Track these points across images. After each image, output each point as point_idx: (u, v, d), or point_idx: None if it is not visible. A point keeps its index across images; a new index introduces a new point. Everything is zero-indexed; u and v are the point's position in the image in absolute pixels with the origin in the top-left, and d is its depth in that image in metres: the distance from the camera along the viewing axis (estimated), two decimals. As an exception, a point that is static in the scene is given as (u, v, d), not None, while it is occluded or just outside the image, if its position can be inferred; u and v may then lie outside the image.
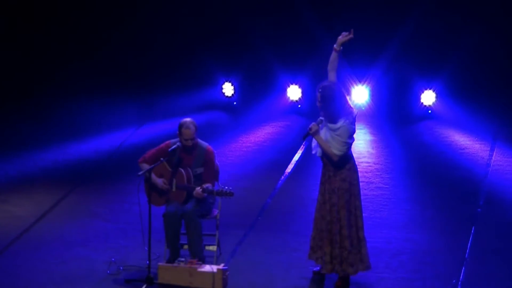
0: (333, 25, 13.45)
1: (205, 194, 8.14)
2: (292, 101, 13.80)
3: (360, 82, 13.35)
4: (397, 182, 11.05)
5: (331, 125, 7.71)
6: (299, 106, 13.75)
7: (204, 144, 8.38)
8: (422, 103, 13.37)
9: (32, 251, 8.82)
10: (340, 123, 7.67)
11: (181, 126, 8.22)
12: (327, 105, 7.67)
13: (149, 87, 14.18)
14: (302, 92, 13.71)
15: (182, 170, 8.23)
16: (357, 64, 13.28)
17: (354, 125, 7.75)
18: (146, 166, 8.21)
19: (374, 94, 13.48)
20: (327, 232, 7.81)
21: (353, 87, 13.36)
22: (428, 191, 10.68)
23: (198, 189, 8.10)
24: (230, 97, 14.10)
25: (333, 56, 7.84)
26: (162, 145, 8.37)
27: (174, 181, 8.25)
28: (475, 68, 13.14)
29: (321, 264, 7.88)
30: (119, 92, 14.05)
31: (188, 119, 8.25)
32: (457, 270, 8.31)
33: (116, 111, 13.71)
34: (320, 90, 7.72)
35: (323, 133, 7.75)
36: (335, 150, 7.68)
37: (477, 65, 13.13)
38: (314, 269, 8.17)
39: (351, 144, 7.75)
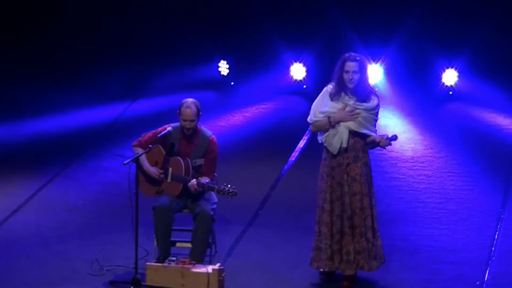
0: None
1: (200, 189, 8.11)
2: (296, 80, 13.78)
3: (373, 60, 13.32)
4: (414, 171, 11.06)
5: (366, 105, 7.72)
6: (304, 86, 13.74)
7: (207, 132, 8.34)
8: (443, 83, 13.36)
9: (5, 249, 8.81)
10: (374, 101, 7.75)
11: (181, 105, 8.19)
12: (365, 78, 7.69)
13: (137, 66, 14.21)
14: (307, 71, 13.70)
15: (181, 160, 8.19)
16: (370, 40, 13.24)
17: None
18: (140, 151, 8.19)
19: (389, 74, 13.47)
20: (349, 228, 7.81)
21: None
22: (450, 181, 10.70)
23: (194, 181, 8.03)
24: (226, 76, 14.09)
25: (324, 125, 7.78)
26: (160, 128, 8.33)
27: (170, 170, 8.23)
28: (502, 43, 13.11)
29: (344, 266, 7.85)
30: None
31: (190, 99, 8.24)
32: (482, 270, 8.33)
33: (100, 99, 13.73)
34: (359, 58, 7.68)
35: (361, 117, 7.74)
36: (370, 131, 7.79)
37: (504, 41, 13.10)
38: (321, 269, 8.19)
39: None
